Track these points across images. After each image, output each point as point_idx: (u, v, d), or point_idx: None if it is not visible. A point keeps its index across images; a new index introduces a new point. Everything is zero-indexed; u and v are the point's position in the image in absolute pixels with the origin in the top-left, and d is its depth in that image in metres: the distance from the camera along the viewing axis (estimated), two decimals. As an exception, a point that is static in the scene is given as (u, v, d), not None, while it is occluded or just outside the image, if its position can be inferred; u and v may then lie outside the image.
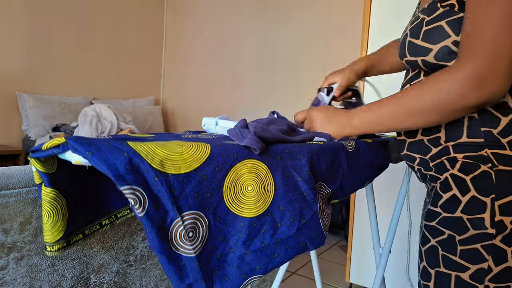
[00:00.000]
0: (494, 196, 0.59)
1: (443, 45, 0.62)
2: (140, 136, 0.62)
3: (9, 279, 0.56)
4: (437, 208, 0.66)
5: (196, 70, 4.00)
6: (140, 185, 0.44)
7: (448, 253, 0.64)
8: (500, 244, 0.59)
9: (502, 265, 0.59)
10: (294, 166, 0.63)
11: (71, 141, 0.43)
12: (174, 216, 0.46)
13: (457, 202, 0.63)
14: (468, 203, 0.62)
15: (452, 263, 0.63)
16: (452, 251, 0.63)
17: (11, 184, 0.55)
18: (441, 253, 0.65)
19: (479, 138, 0.61)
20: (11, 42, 3.05)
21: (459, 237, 0.62)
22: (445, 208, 0.65)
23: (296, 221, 0.61)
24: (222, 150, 0.53)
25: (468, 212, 0.62)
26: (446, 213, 0.65)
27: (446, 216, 0.64)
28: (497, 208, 0.59)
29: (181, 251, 0.47)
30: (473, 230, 0.61)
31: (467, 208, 0.62)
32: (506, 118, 0.59)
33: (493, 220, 0.59)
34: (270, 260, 0.56)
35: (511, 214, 0.59)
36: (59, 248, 0.54)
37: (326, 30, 3.08)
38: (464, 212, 0.62)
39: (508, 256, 0.59)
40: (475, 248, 0.61)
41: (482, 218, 0.60)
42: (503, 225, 0.59)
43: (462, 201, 0.62)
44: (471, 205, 0.61)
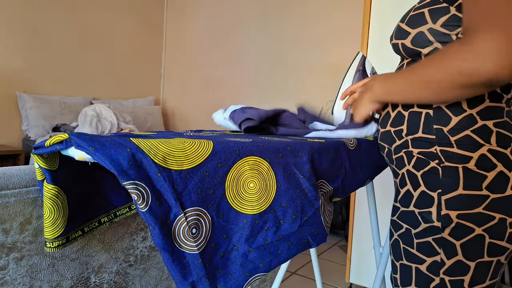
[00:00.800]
0: (440, 191, 0.62)
1: (419, 30, 0.64)
2: (142, 134, 0.62)
3: (9, 279, 0.56)
4: (397, 203, 0.70)
5: (196, 70, 4.00)
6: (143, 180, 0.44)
7: (407, 246, 0.67)
8: (448, 238, 0.62)
9: (454, 258, 0.62)
10: (295, 163, 0.63)
11: (74, 137, 0.44)
12: (177, 212, 0.46)
13: (411, 197, 0.66)
14: (419, 198, 0.65)
15: (411, 256, 0.66)
16: (410, 244, 0.66)
17: (11, 184, 0.55)
18: (402, 246, 0.68)
19: (431, 134, 0.63)
20: (11, 42, 3.05)
21: (414, 230, 0.65)
22: (402, 202, 0.68)
23: (298, 218, 0.61)
24: (224, 147, 0.53)
25: (419, 206, 0.65)
26: (403, 208, 0.68)
27: (403, 210, 0.68)
28: (443, 202, 0.62)
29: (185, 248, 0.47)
30: (424, 224, 0.64)
31: (418, 202, 0.65)
32: (457, 117, 0.61)
33: (439, 213, 0.62)
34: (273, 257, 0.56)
35: (457, 208, 0.61)
36: (59, 245, 0.54)
37: (326, 30, 3.08)
38: (416, 206, 0.65)
39: (457, 250, 0.61)
40: (428, 241, 0.64)
41: (430, 211, 0.63)
42: (449, 218, 0.61)
43: (414, 196, 0.66)
44: (421, 200, 0.65)
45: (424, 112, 0.65)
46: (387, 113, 0.73)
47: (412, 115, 0.66)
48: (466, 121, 0.61)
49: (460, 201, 0.61)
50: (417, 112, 0.66)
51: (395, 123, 0.70)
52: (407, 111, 0.67)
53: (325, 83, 3.07)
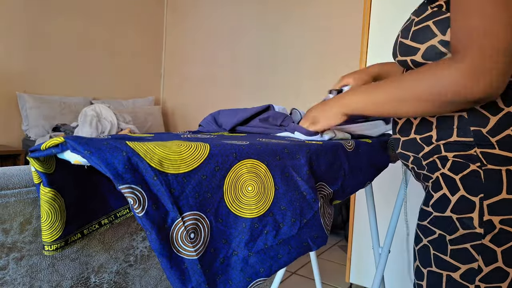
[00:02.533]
0: (482, 196, 0.59)
1: (430, 44, 0.62)
2: (139, 136, 0.62)
3: (9, 279, 0.56)
4: (429, 207, 0.67)
5: (196, 70, 4.00)
6: (139, 184, 0.43)
7: (439, 253, 0.64)
8: (489, 244, 0.59)
9: (492, 265, 0.59)
10: (293, 165, 0.63)
11: (69, 141, 0.43)
12: (174, 216, 0.46)
13: (447, 202, 0.63)
14: (458, 203, 0.62)
15: (443, 263, 0.63)
16: (442, 250, 0.63)
17: (11, 184, 0.55)
18: (432, 253, 0.65)
19: (469, 137, 0.60)
20: (11, 42, 3.05)
21: (449, 236, 0.62)
22: (436, 207, 0.65)
23: (298, 221, 0.61)
24: (221, 149, 0.53)
25: (458, 211, 0.62)
26: (436, 213, 0.65)
27: (437, 215, 0.65)
28: (485, 207, 0.59)
29: (183, 254, 0.47)
30: (462, 230, 0.61)
31: (456, 207, 0.62)
32: (495, 117, 0.59)
33: (482, 219, 0.59)
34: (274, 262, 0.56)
35: (500, 214, 0.58)
36: (57, 248, 0.54)
37: (326, 30, 3.08)
38: (453, 211, 0.62)
39: (498, 256, 0.59)
40: (465, 247, 0.61)
41: (471, 217, 0.60)
42: (492, 224, 0.59)
43: (451, 201, 0.63)
44: (460, 205, 0.62)
45: (457, 115, 0.61)
46: (407, 120, 0.69)
47: (442, 120, 0.63)
48: (505, 120, 0.58)
49: (503, 206, 0.58)
50: (448, 116, 0.62)
51: (420, 130, 0.66)
52: (434, 117, 0.64)
53: (325, 83, 3.07)
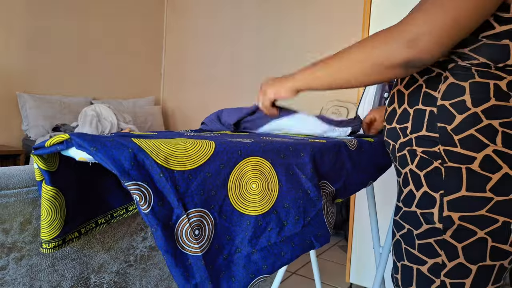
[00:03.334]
0: (443, 192, 0.61)
1: None
2: (143, 134, 0.62)
3: (9, 279, 0.56)
4: (400, 202, 0.69)
5: (196, 70, 4.00)
6: (145, 181, 0.43)
7: (409, 247, 0.66)
8: (450, 240, 0.61)
9: (455, 261, 0.61)
10: (297, 163, 0.63)
11: (75, 138, 0.43)
12: (179, 213, 0.46)
13: (413, 197, 0.65)
14: (421, 198, 0.64)
15: (412, 256, 0.66)
16: (411, 244, 0.66)
17: (11, 184, 0.55)
18: (403, 247, 0.67)
19: (435, 133, 0.62)
20: (11, 42, 3.05)
21: (416, 231, 0.65)
22: (405, 202, 0.68)
23: (301, 219, 0.61)
24: (226, 147, 0.53)
25: (421, 206, 0.64)
26: (405, 208, 0.67)
27: (405, 210, 0.67)
28: (445, 203, 0.61)
29: (187, 250, 0.47)
30: (426, 225, 0.63)
31: (420, 203, 0.64)
32: (461, 115, 0.60)
33: (441, 215, 0.61)
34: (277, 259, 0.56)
35: (459, 210, 0.60)
36: (55, 246, 0.54)
37: (326, 30, 3.08)
38: (418, 206, 0.65)
39: (459, 252, 0.60)
40: (429, 242, 0.63)
41: (431, 212, 0.62)
42: (451, 220, 0.60)
43: (416, 196, 0.65)
44: (423, 200, 0.64)
45: (429, 109, 0.63)
46: (393, 109, 0.72)
47: (417, 113, 0.65)
48: (470, 119, 0.59)
49: (462, 203, 0.60)
50: (421, 109, 0.64)
51: (401, 120, 0.69)
52: (412, 108, 0.66)
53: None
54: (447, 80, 0.61)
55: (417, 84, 0.66)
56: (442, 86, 0.62)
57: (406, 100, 0.68)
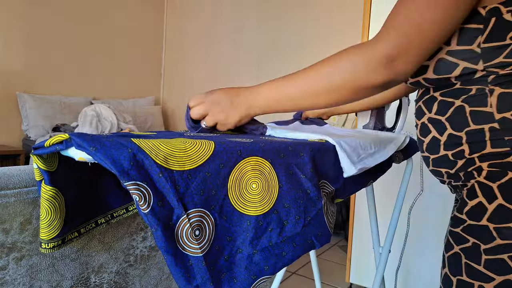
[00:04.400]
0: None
1: (438, 58, 0.61)
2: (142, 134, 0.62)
3: (9, 279, 0.56)
4: (463, 215, 0.64)
5: (196, 70, 4.00)
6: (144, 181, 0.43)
7: (472, 262, 0.61)
8: None
9: None
10: (297, 163, 0.63)
11: (74, 137, 0.43)
12: (180, 213, 0.46)
13: (483, 210, 0.60)
14: (495, 211, 0.59)
15: (475, 272, 0.61)
16: (476, 260, 0.61)
17: (11, 184, 0.55)
18: (464, 261, 0.62)
19: (505, 147, 0.58)
20: (11, 42, 3.05)
21: (484, 246, 0.60)
22: (471, 215, 0.62)
23: (302, 219, 0.61)
24: (226, 147, 0.53)
25: (495, 220, 0.59)
26: (471, 221, 0.62)
27: (471, 223, 0.62)
28: None
29: (188, 251, 0.47)
30: (500, 240, 0.58)
31: (493, 216, 0.59)
32: None
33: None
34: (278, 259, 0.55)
35: None
36: (54, 246, 0.54)
37: (326, 30, 3.08)
38: (490, 220, 0.59)
39: None
40: (502, 258, 0.58)
41: (509, 227, 0.57)
42: None
43: (488, 209, 0.60)
44: (498, 214, 0.59)
45: (487, 127, 0.59)
46: (433, 138, 0.66)
47: (472, 134, 0.60)
48: None
49: None
50: (477, 129, 0.60)
51: (450, 146, 0.64)
52: (463, 131, 0.61)
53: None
54: (494, 92, 0.58)
55: (455, 107, 0.62)
56: (491, 99, 0.58)
57: (448, 125, 0.63)
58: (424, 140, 0.69)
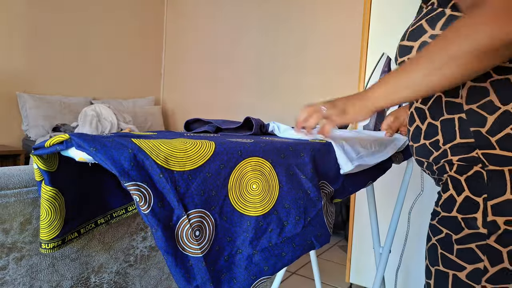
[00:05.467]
0: (486, 196, 0.59)
1: (421, 41, 0.63)
2: (143, 134, 0.62)
3: (9, 279, 0.56)
4: (438, 207, 0.67)
5: (196, 70, 4.00)
6: (145, 181, 0.43)
7: (446, 252, 0.64)
8: (494, 245, 0.59)
9: (498, 266, 0.59)
10: (297, 164, 0.63)
11: (75, 138, 0.43)
12: (180, 214, 0.46)
13: (453, 202, 0.64)
14: (463, 203, 0.62)
15: (449, 262, 0.64)
16: (449, 250, 0.64)
17: (11, 184, 0.55)
18: (439, 252, 0.65)
19: (470, 138, 0.61)
20: (11, 42, 3.05)
21: (455, 236, 0.63)
22: (444, 207, 0.66)
23: (302, 219, 0.61)
24: (226, 147, 0.53)
25: (463, 211, 0.62)
26: (444, 212, 0.65)
27: (444, 215, 0.65)
28: (489, 208, 0.59)
29: (188, 251, 0.47)
30: (467, 230, 0.61)
31: (461, 207, 0.62)
32: (492, 116, 0.58)
33: (485, 220, 0.59)
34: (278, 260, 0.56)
35: (504, 214, 0.58)
36: (54, 246, 0.54)
37: (326, 30, 3.08)
38: (459, 211, 0.63)
39: (504, 257, 0.59)
40: (470, 247, 0.61)
41: (474, 217, 0.60)
42: (496, 225, 0.58)
43: (457, 201, 0.63)
44: (465, 205, 0.62)
45: (457, 117, 0.62)
46: (417, 127, 0.70)
47: (445, 123, 0.64)
48: (503, 118, 0.57)
49: (508, 206, 0.58)
50: (449, 119, 0.63)
51: (428, 135, 0.67)
52: (438, 120, 0.65)
53: (325, 83, 3.07)
54: (466, 85, 0.60)
55: (434, 97, 0.66)
56: (462, 91, 0.61)
57: (428, 114, 0.67)
58: (410, 129, 0.73)
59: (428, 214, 0.71)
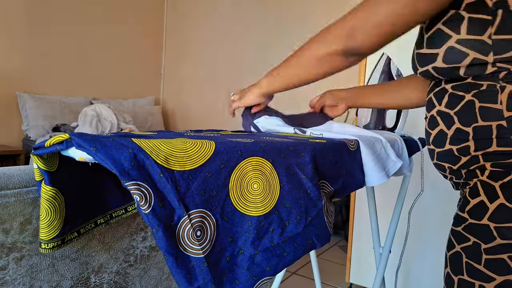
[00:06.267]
0: None
1: (447, 46, 0.60)
2: (143, 134, 0.62)
3: (9, 279, 0.56)
4: (464, 213, 0.64)
5: (196, 70, 4.00)
6: (145, 181, 0.43)
7: (472, 261, 0.61)
8: None
9: None
10: (298, 163, 0.63)
11: (75, 137, 0.43)
12: (181, 214, 0.45)
13: (485, 209, 0.60)
14: (496, 211, 0.59)
15: (476, 272, 0.61)
16: (476, 259, 0.60)
17: (11, 184, 0.55)
18: (465, 260, 0.62)
19: (510, 146, 0.57)
20: (11, 42, 3.05)
21: (485, 245, 0.59)
22: (472, 214, 0.62)
23: (303, 219, 0.61)
24: (226, 147, 0.53)
25: (496, 220, 0.59)
26: (472, 220, 0.62)
27: (472, 222, 0.62)
28: None
29: (190, 252, 0.46)
30: (500, 240, 0.58)
31: (494, 215, 0.59)
32: None
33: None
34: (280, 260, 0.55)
35: None
36: (54, 246, 0.54)
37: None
38: (491, 219, 0.59)
39: None
40: (502, 258, 0.58)
41: (509, 227, 0.57)
42: None
43: (489, 208, 0.59)
44: (499, 213, 0.59)
45: (495, 124, 0.58)
46: (441, 131, 0.66)
47: (479, 130, 0.60)
48: None
49: None
50: (485, 126, 0.59)
51: (456, 141, 0.63)
52: (471, 127, 0.61)
53: (325, 83, 3.07)
54: (505, 89, 0.57)
55: (464, 101, 0.62)
56: (501, 96, 0.57)
57: (457, 119, 0.63)
58: (431, 132, 0.69)
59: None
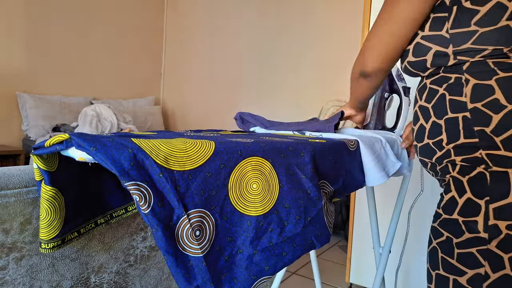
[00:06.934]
0: (488, 199, 0.57)
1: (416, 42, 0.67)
2: (143, 134, 0.62)
3: (9, 279, 0.56)
4: (440, 209, 0.65)
5: (196, 70, 4.00)
6: (145, 181, 0.43)
7: (447, 256, 0.62)
8: (495, 250, 0.57)
9: (500, 272, 0.57)
10: (297, 163, 0.63)
11: (74, 137, 0.43)
12: (180, 213, 0.46)
13: (455, 204, 0.62)
14: (464, 205, 0.60)
15: (450, 266, 0.62)
16: (450, 254, 0.62)
17: (11, 184, 0.55)
18: (440, 255, 0.64)
19: (474, 138, 0.59)
20: (11, 42, 3.05)
21: (456, 239, 0.61)
22: (445, 209, 0.64)
23: (302, 219, 0.61)
24: (226, 147, 0.53)
25: (464, 214, 0.60)
26: (445, 215, 0.63)
27: (445, 217, 0.63)
28: (491, 211, 0.57)
29: (188, 251, 0.46)
30: (468, 234, 0.59)
31: (462, 210, 0.60)
32: (498, 115, 0.56)
33: (487, 224, 0.57)
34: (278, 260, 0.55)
35: (507, 218, 0.56)
36: (54, 246, 0.54)
37: (326, 30, 3.08)
38: (460, 214, 0.61)
39: (505, 263, 0.56)
40: (471, 252, 0.59)
41: (475, 221, 0.58)
42: (497, 229, 0.56)
43: (459, 203, 0.61)
44: (466, 207, 0.60)
45: (461, 116, 0.60)
46: (421, 126, 0.69)
47: (449, 122, 0.62)
48: (508, 118, 0.55)
49: (510, 210, 0.55)
50: (453, 117, 0.61)
51: (432, 134, 0.66)
52: (443, 119, 0.63)
53: (325, 83, 3.07)
54: (470, 82, 0.59)
55: (438, 95, 0.64)
56: (466, 90, 0.60)
57: (432, 113, 0.65)
58: (414, 128, 0.72)
59: (428, 214, 0.71)
